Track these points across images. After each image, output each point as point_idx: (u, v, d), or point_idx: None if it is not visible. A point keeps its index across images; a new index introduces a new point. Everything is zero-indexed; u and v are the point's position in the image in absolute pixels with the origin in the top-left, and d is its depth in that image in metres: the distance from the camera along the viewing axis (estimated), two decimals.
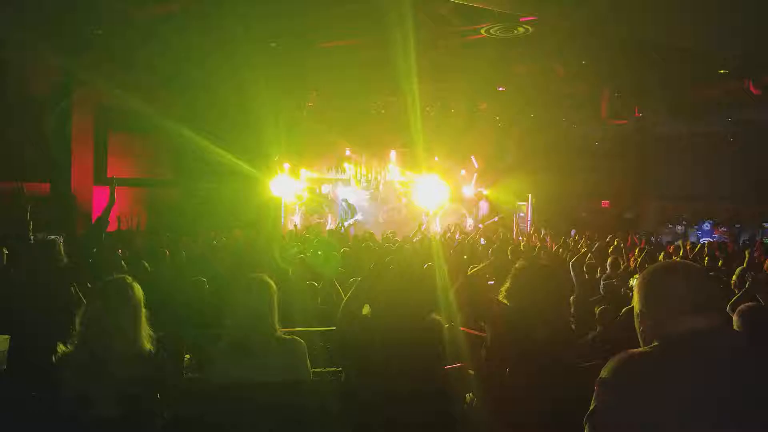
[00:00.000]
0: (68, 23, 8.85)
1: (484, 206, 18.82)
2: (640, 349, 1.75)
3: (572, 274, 7.61)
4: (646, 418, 1.58)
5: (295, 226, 17.10)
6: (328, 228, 16.36)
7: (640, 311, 1.82)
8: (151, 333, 2.73)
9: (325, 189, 18.86)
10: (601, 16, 7.43)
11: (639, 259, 8.32)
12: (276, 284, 2.98)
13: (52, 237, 4.94)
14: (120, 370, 2.56)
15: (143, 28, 9.17)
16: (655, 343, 1.72)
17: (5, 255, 5.32)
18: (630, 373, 1.67)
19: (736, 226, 15.78)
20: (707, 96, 12.10)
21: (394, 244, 10.66)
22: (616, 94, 12.42)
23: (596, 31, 8.83)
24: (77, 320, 2.66)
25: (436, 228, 16.51)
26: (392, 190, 19.60)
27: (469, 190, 19.08)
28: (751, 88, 10.92)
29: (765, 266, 8.14)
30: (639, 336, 1.83)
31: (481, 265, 5.29)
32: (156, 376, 2.66)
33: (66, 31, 9.16)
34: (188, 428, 2.91)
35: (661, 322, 1.74)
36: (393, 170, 19.08)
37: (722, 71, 10.44)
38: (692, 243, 10.38)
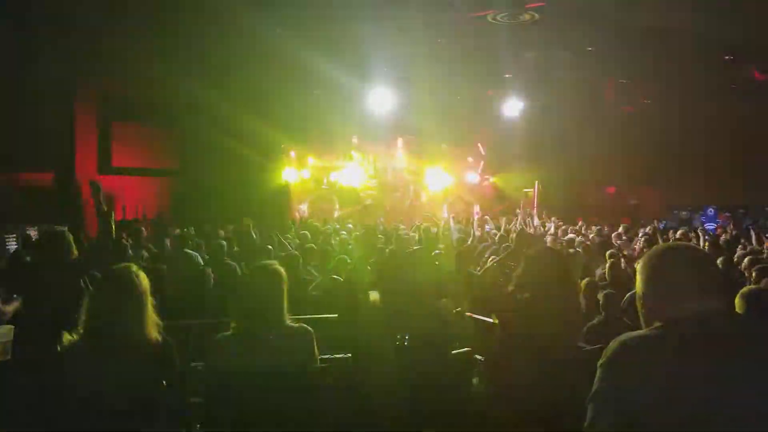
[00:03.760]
0: (74, 13, 8.85)
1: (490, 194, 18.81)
2: (641, 332, 1.76)
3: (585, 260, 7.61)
4: (645, 399, 1.60)
5: (300, 214, 17.13)
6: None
7: (643, 293, 1.83)
8: (158, 321, 2.74)
9: (333, 177, 18.83)
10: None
11: (644, 245, 8.32)
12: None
13: (59, 228, 4.84)
14: (126, 359, 2.57)
15: (147, 17, 9.16)
16: (657, 325, 1.73)
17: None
18: (630, 355, 1.68)
19: (740, 210, 15.73)
20: (713, 81, 12.01)
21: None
22: (621, 81, 12.34)
23: (602, 17, 8.77)
24: (82, 310, 2.67)
25: (444, 215, 16.49)
26: (400, 177, 19.58)
27: (475, 178, 19.05)
28: (755, 74, 10.85)
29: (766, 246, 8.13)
30: (641, 318, 1.85)
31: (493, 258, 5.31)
32: (163, 364, 2.68)
33: (70, 21, 9.16)
34: (196, 416, 2.96)
35: (663, 304, 1.75)
36: (400, 157, 19.06)
37: (727, 57, 10.36)
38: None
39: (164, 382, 2.68)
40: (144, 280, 2.75)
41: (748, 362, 1.62)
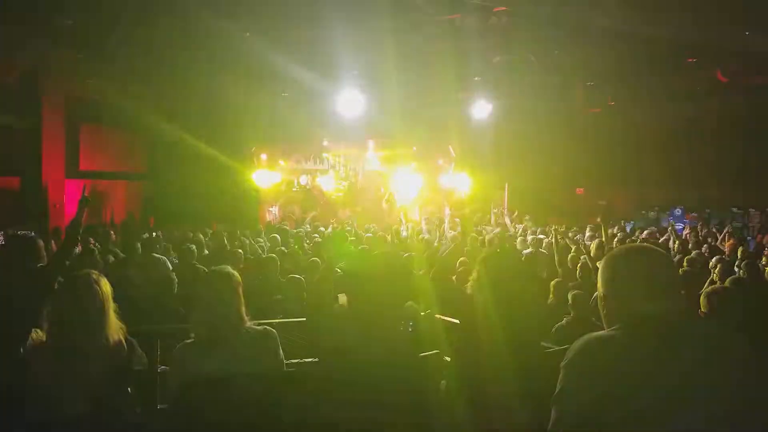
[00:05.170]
0: (38, 12, 8.67)
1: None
2: (602, 332, 1.79)
3: (556, 260, 7.70)
4: (606, 399, 1.63)
5: (275, 217, 17.05)
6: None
7: (604, 294, 1.86)
8: (122, 326, 2.70)
9: (303, 180, 18.76)
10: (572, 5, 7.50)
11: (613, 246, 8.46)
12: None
13: (25, 233, 4.73)
14: (88, 365, 2.54)
15: (115, 18, 9.01)
16: (617, 326, 1.76)
17: None
18: (592, 356, 1.71)
19: (706, 210, 16.12)
20: (677, 84, 12.28)
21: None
22: (588, 83, 12.55)
23: (567, 21, 8.91)
24: (45, 316, 2.64)
25: (416, 217, 16.55)
26: (371, 180, 19.60)
27: (446, 180, 19.15)
28: (719, 76, 11.13)
29: (727, 250, 8.35)
30: (602, 318, 1.88)
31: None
32: (126, 370, 2.64)
33: (36, 20, 8.97)
34: (161, 422, 2.92)
35: (624, 305, 1.79)
36: (372, 160, 19.07)
37: (691, 59, 10.61)
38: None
39: (128, 388, 2.66)
40: (106, 285, 2.73)
41: (704, 361, 1.65)
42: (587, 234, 11.05)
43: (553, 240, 7.88)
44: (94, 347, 2.58)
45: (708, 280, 5.69)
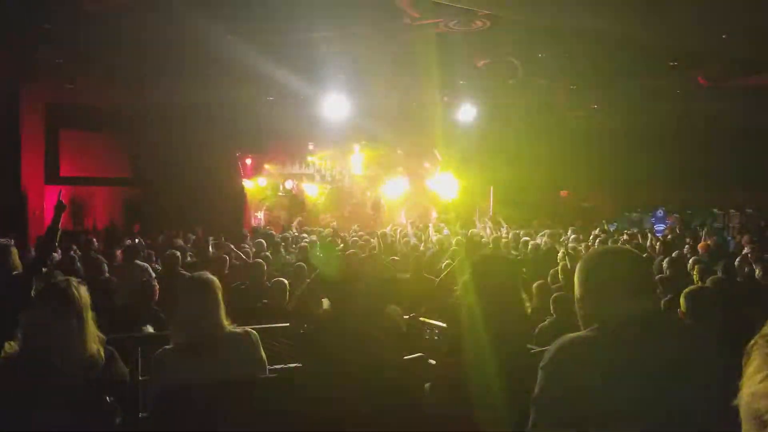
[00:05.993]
0: (16, 17, 8.57)
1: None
2: (579, 333, 1.81)
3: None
4: (585, 399, 1.64)
5: (260, 222, 16.98)
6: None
7: (580, 296, 1.88)
8: (100, 335, 2.66)
9: (289, 184, 18.71)
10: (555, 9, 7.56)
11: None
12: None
13: (2, 240, 4.67)
14: (66, 374, 2.50)
15: (95, 23, 8.93)
16: (594, 327, 1.78)
17: None
18: (570, 357, 1.72)
19: (688, 211, 16.32)
20: (659, 87, 12.41)
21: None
22: (572, 87, 12.64)
23: (551, 26, 8.98)
24: (20, 324, 2.58)
25: (402, 221, 16.58)
26: (357, 183, 19.60)
27: (432, 183, 19.20)
28: (700, 80, 11.28)
29: (701, 251, 8.45)
30: (579, 320, 1.90)
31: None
32: (105, 378, 2.61)
33: (14, 25, 8.87)
34: (142, 431, 2.88)
35: (600, 306, 1.80)
36: (357, 164, 19.07)
37: (672, 63, 10.73)
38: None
39: (107, 398, 2.61)
40: (84, 293, 2.68)
41: (680, 361, 1.67)
42: (571, 236, 11.14)
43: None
44: (71, 356, 2.54)
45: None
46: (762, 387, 0.76)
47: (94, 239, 10.21)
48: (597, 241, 10.34)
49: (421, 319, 4.41)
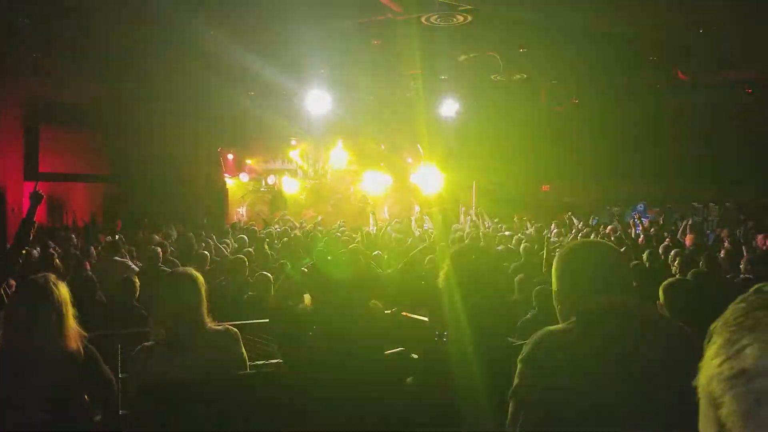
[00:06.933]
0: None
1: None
2: (557, 326, 1.82)
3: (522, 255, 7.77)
4: (563, 392, 1.66)
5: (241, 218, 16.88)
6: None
7: (557, 289, 1.90)
8: (81, 332, 2.64)
9: (271, 180, 18.62)
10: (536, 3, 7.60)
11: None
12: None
13: None
14: (45, 371, 2.48)
15: (75, 17, 8.80)
16: (572, 320, 1.80)
17: None
18: (548, 350, 1.74)
19: (668, 206, 16.51)
20: (638, 82, 12.54)
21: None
22: (553, 81, 12.72)
23: (532, 19, 9.02)
24: None
25: (385, 215, 16.59)
26: (340, 179, 19.55)
27: (415, 178, 19.20)
28: (679, 75, 11.41)
29: (687, 243, 8.55)
30: (557, 313, 1.91)
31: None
32: (84, 376, 2.58)
33: None
34: (123, 428, 2.87)
35: (577, 299, 1.82)
36: (340, 159, 19.02)
37: (651, 58, 10.84)
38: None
39: (86, 396, 2.60)
40: (63, 289, 2.65)
41: (657, 353, 1.69)
42: (553, 230, 11.22)
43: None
44: (50, 353, 2.51)
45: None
46: (718, 371, 0.79)
47: (74, 236, 10.09)
48: (579, 235, 10.42)
49: (404, 313, 4.42)
